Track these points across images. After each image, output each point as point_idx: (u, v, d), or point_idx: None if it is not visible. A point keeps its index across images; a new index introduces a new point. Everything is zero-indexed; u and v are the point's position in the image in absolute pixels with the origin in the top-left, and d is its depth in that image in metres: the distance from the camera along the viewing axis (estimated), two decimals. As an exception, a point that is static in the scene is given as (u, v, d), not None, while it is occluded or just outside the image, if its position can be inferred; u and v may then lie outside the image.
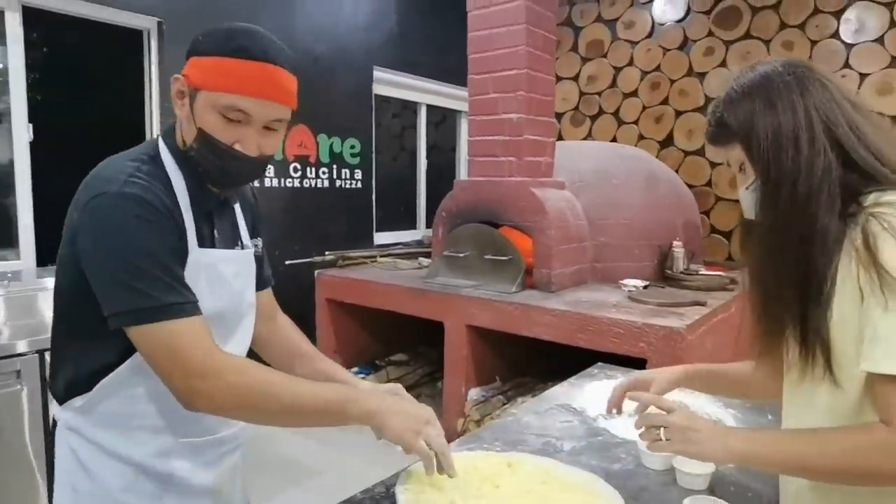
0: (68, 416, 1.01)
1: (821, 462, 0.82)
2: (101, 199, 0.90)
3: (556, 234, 3.16)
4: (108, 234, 0.90)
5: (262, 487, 2.94)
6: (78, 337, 0.99)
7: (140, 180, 0.93)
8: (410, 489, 1.02)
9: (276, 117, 0.98)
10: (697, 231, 3.99)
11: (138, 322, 0.89)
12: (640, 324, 2.57)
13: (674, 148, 4.57)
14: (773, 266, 0.89)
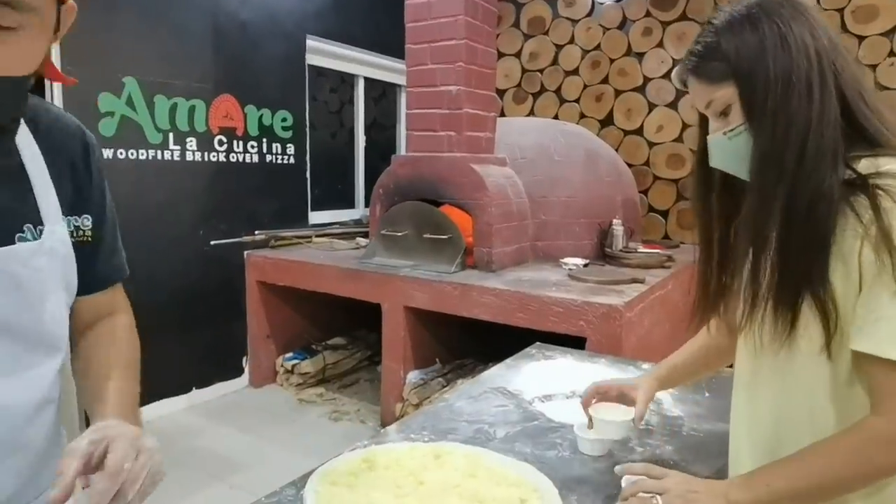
0: None
1: (830, 481, 0.75)
2: None
3: (497, 212, 3.07)
4: None
5: (183, 482, 2.75)
6: None
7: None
8: (321, 492, 0.90)
9: None
10: (636, 209, 4.00)
11: None
12: (580, 302, 2.52)
13: (613, 127, 4.55)
14: (769, 227, 0.77)
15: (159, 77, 3.25)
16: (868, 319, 0.71)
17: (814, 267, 0.74)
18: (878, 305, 0.70)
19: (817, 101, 0.75)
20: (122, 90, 3.10)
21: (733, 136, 0.82)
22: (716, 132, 0.84)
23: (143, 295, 3.29)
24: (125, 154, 3.15)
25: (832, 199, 0.73)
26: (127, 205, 3.18)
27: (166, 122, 3.31)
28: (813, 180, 0.74)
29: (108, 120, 3.06)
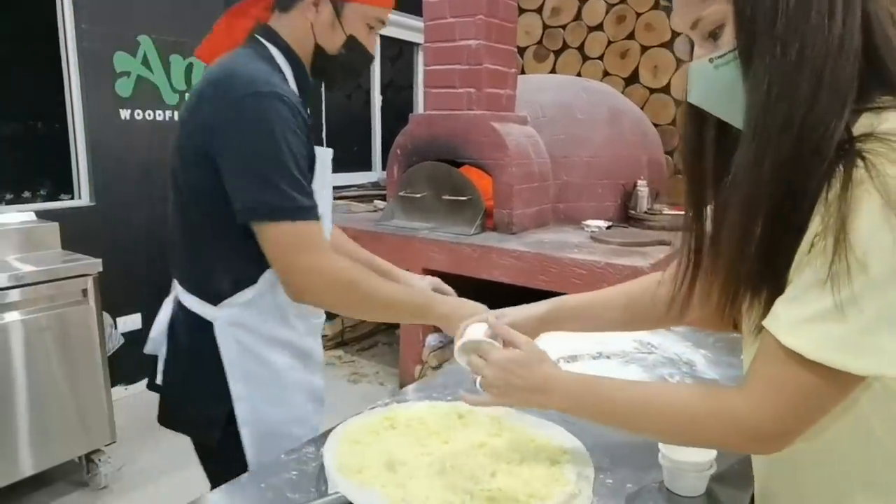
0: (231, 313, 1.05)
1: (656, 428, 0.73)
2: (253, 98, 0.93)
3: (518, 173, 2.99)
4: (259, 133, 0.93)
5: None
6: (231, 232, 0.99)
7: (280, 83, 0.98)
8: (342, 449, 0.87)
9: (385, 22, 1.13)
10: (661, 169, 3.89)
11: (273, 218, 0.94)
12: (603, 264, 2.46)
13: (639, 85, 4.40)
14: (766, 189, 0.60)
15: (174, 36, 3.18)
16: (784, 297, 0.60)
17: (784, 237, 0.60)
18: (800, 285, 0.58)
19: (839, 23, 0.58)
20: (137, 49, 3.04)
21: (721, 65, 0.63)
22: (700, 57, 0.66)
23: (161, 257, 3.29)
24: (142, 115, 3.11)
25: (826, 157, 0.57)
26: (144, 166, 3.16)
27: (182, 83, 3.26)
28: (819, 130, 0.57)
29: (125, 80, 3.01)
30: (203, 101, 0.99)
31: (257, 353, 1.07)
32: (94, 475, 2.38)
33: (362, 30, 1.10)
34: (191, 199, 1.04)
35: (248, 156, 0.94)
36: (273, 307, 1.07)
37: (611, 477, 0.86)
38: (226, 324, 1.05)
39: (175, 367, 1.13)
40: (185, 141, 1.01)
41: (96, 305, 2.30)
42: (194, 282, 1.08)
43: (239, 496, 0.83)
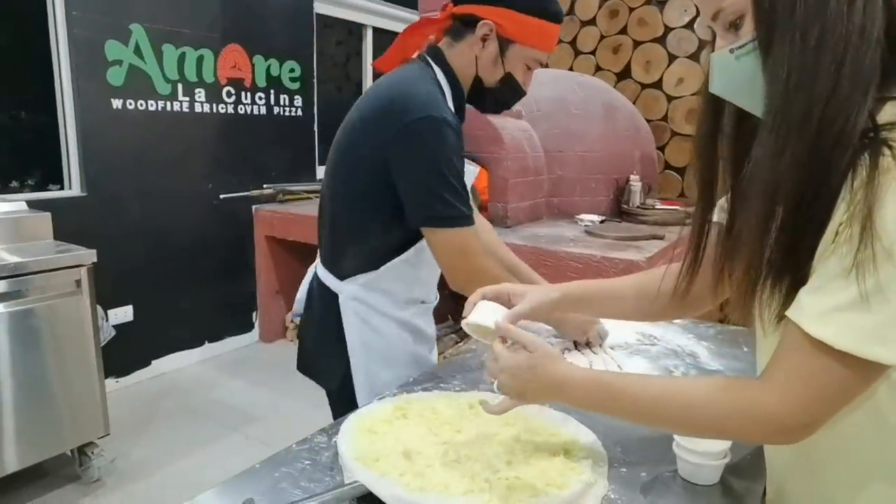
0: (353, 289, 1.26)
1: (677, 422, 0.73)
2: (426, 122, 1.09)
3: (513, 167, 3.00)
4: (431, 153, 1.10)
5: (200, 431, 2.77)
6: (371, 226, 1.22)
7: (446, 108, 1.13)
8: (358, 438, 0.87)
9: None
10: (654, 165, 3.91)
11: (442, 226, 1.14)
12: (599, 258, 2.47)
13: (631, 80, 4.41)
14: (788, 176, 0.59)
15: (166, 25, 3.14)
16: (808, 286, 0.60)
17: (806, 229, 0.60)
18: (825, 274, 0.58)
19: (859, 10, 0.57)
20: (129, 38, 3.00)
21: (742, 55, 0.64)
22: (721, 48, 0.67)
23: (153, 248, 3.27)
24: (134, 105, 3.07)
25: (849, 147, 0.57)
26: (137, 157, 3.12)
27: (175, 73, 3.22)
28: (840, 120, 0.57)
29: (117, 69, 2.97)
30: (382, 116, 1.14)
31: (371, 323, 1.26)
32: (87, 468, 2.36)
33: (520, 69, 1.21)
34: (346, 195, 1.21)
35: (423, 172, 1.11)
36: (387, 290, 1.26)
37: (624, 466, 0.87)
38: (348, 297, 1.26)
39: (308, 326, 1.37)
40: (358, 146, 1.18)
41: (90, 297, 2.27)
42: (329, 259, 1.30)
43: (253, 485, 0.82)
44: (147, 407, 2.99)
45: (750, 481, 0.84)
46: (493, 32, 1.17)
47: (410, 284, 1.29)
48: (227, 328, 3.75)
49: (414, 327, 1.31)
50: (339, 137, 1.24)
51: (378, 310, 1.26)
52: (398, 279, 1.26)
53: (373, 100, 1.18)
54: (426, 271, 1.29)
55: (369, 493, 0.75)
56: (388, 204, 1.16)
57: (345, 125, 1.24)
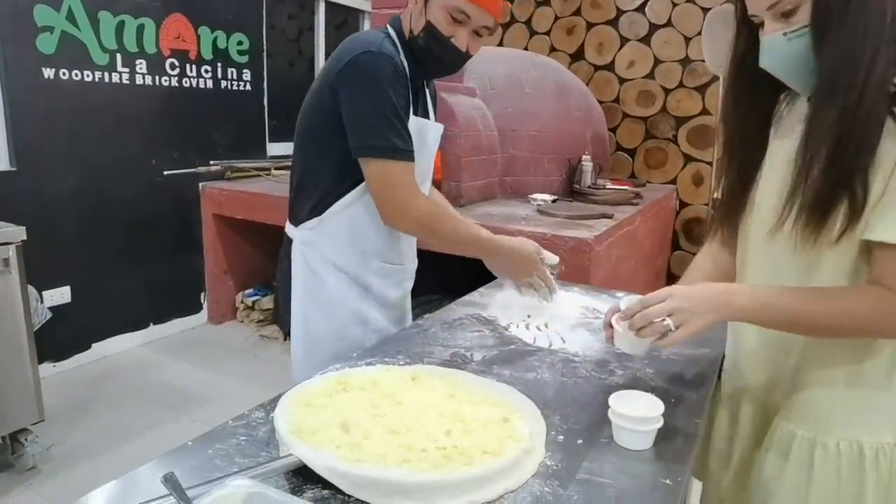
0: (304, 234, 1.31)
1: (835, 325, 0.84)
2: (364, 55, 1.16)
3: (467, 145, 2.98)
4: (367, 85, 1.16)
5: (144, 416, 2.69)
6: (322, 169, 1.27)
7: (389, 48, 1.19)
8: (295, 412, 0.85)
9: (484, 24, 1.24)
10: (605, 146, 3.96)
11: (374, 156, 1.18)
12: (550, 235, 2.49)
13: (584, 62, 4.45)
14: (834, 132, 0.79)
15: (102, -10, 2.98)
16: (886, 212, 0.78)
17: (859, 168, 0.78)
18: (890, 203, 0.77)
19: (892, 3, 0.76)
20: (61, 3, 2.83)
21: (794, 38, 0.81)
22: (773, 33, 0.83)
23: (92, 227, 3.13)
24: (68, 75, 2.91)
25: (885, 101, 0.77)
26: (72, 130, 2.97)
27: (113, 42, 3.06)
28: (882, 86, 0.76)
29: (47, 35, 2.80)
30: (334, 60, 1.21)
31: (315, 270, 1.30)
32: (20, 455, 2.26)
33: (442, 18, 1.21)
34: (304, 140, 1.29)
35: (359, 105, 1.17)
36: (334, 236, 1.29)
37: (562, 434, 0.88)
38: (299, 243, 1.32)
39: (279, 273, 1.42)
40: (316, 91, 1.25)
41: (20, 276, 2.16)
42: (290, 207, 1.36)
43: (187, 462, 0.79)
44: (86, 392, 2.88)
45: (683, 444, 0.86)
46: None
47: (355, 232, 1.29)
48: (174, 309, 3.64)
49: (365, 284, 1.32)
50: (313, 89, 1.29)
51: (324, 256, 1.29)
52: (343, 225, 1.28)
53: (335, 54, 1.24)
54: (374, 219, 1.28)
55: (304, 466, 0.74)
56: (339, 145, 1.20)
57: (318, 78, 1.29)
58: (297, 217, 1.33)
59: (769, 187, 0.93)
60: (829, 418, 0.91)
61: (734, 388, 1.08)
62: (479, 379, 1.00)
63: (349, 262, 1.31)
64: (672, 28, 4.11)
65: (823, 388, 0.92)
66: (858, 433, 0.89)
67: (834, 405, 0.91)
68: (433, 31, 1.23)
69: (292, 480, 0.75)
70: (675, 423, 0.90)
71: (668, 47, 4.13)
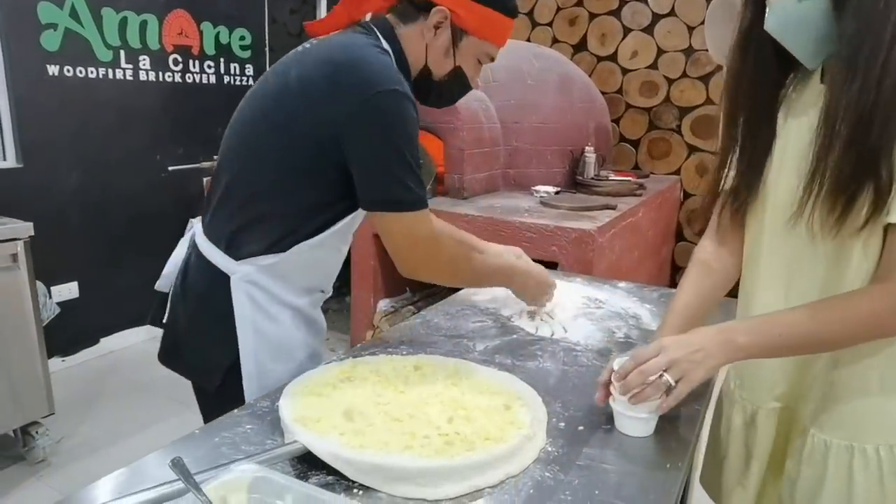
0: (250, 271, 1.10)
1: (840, 336, 0.80)
2: (389, 96, 0.97)
3: (469, 137, 2.98)
4: (394, 132, 0.99)
5: (150, 409, 2.72)
6: (296, 207, 1.08)
7: (406, 84, 1.02)
8: (299, 401, 0.86)
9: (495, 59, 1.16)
10: (608, 137, 3.95)
11: (398, 210, 1.04)
12: (553, 227, 2.49)
13: (587, 52, 4.43)
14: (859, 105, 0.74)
15: (104, -13, 2.99)
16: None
17: (884, 148, 0.73)
18: None
19: None
20: (64, 0, 2.84)
21: (805, 0, 0.77)
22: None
23: (99, 223, 3.16)
24: (72, 71, 2.93)
25: None
26: (77, 126, 2.99)
27: (116, 38, 3.08)
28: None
29: (51, 33, 2.82)
30: (324, 83, 0.99)
31: (267, 310, 1.11)
32: (31, 448, 2.29)
33: (471, 63, 1.13)
34: (273, 169, 1.05)
35: (384, 152, 1.00)
36: (288, 275, 1.12)
37: (563, 421, 0.89)
38: (242, 280, 1.10)
39: (184, 310, 1.17)
40: (297, 116, 1.01)
41: (28, 271, 2.18)
42: (223, 235, 1.11)
43: (193, 450, 0.81)
44: (94, 385, 2.91)
45: (684, 430, 0.87)
46: (447, 20, 1.07)
47: (313, 270, 1.16)
48: (180, 304, 3.66)
49: (309, 317, 1.18)
50: (265, 102, 1.08)
51: (275, 296, 1.11)
52: (304, 264, 1.12)
53: (317, 64, 1.02)
54: (333, 258, 1.19)
55: (309, 453, 0.75)
56: (323, 184, 1.05)
57: (273, 88, 1.07)
58: (240, 250, 1.10)
59: (784, 174, 0.87)
60: (865, 424, 0.86)
61: (751, 404, 1.00)
62: (481, 367, 1.01)
63: (299, 297, 1.15)
64: (675, 17, 4.09)
65: (856, 394, 0.86)
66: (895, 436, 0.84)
67: (868, 410, 0.86)
68: (462, 78, 1.14)
69: (297, 467, 0.77)
70: (675, 410, 0.91)
71: (671, 37, 4.11)
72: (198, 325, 1.15)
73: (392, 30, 1.10)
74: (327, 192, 1.06)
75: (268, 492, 0.59)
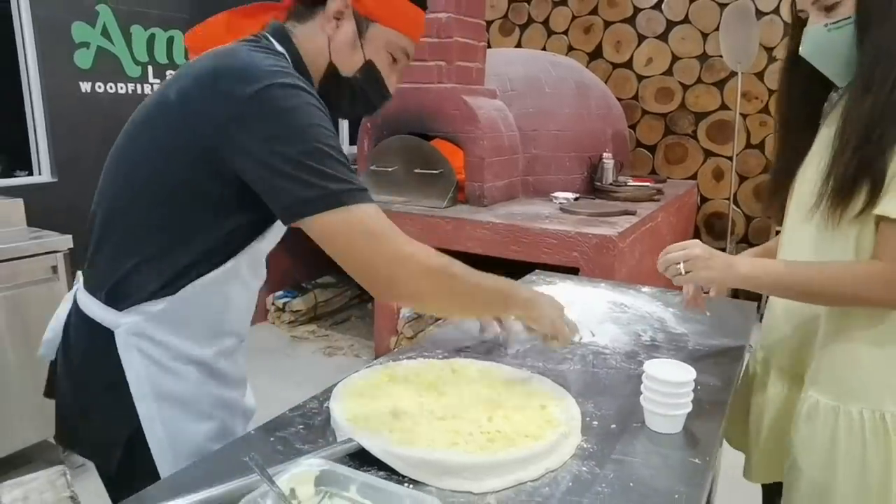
0: (136, 321, 0.90)
1: (826, 292, 0.96)
2: (272, 89, 0.82)
3: (489, 146, 3.04)
4: (289, 123, 0.82)
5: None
6: (175, 235, 0.90)
7: (301, 79, 0.88)
8: (348, 402, 0.92)
9: (412, 58, 1.04)
10: (625, 143, 3.99)
11: (331, 206, 0.82)
12: (573, 233, 2.54)
13: (602, 60, 4.48)
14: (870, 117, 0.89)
15: (134, 5, 3.10)
16: (890, 189, 0.88)
17: (880, 153, 0.88)
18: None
19: None
20: (96, 19, 2.95)
21: (834, 29, 0.92)
22: (815, 24, 0.94)
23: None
24: (104, 87, 3.03)
25: None
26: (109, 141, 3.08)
27: (144, 55, 3.18)
28: None
29: (84, 51, 2.93)
30: (202, 91, 0.84)
31: (167, 366, 0.93)
32: (70, 455, 2.36)
33: (384, 57, 0.99)
34: (141, 195, 0.90)
35: (283, 149, 0.81)
36: (185, 321, 0.93)
37: (596, 419, 0.94)
38: (129, 333, 0.90)
39: (68, 379, 0.98)
40: (170, 131, 0.87)
41: (67, 283, 2.27)
42: (101, 284, 0.93)
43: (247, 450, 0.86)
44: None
45: (709, 424, 0.92)
46: (348, 9, 0.96)
47: (215, 314, 0.97)
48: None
49: (216, 371, 0.99)
50: (141, 126, 0.93)
51: (171, 348, 0.93)
52: (201, 307, 0.93)
53: (197, 75, 0.87)
54: (240, 296, 1.00)
55: (361, 451, 0.80)
56: (211, 209, 0.89)
57: (151, 110, 0.92)
58: (120, 298, 0.91)
59: (809, 171, 1.02)
60: (852, 387, 0.97)
61: (764, 362, 1.19)
62: (515, 370, 1.06)
63: (203, 347, 0.97)
64: (689, 24, 4.13)
65: (846, 357, 0.99)
66: (880, 402, 0.94)
67: (855, 374, 0.97)
68: (373, 73, 0.99)
69: (350, 464, 0.82)
70: (702, 408, 0.96)
71: (686, 43, 4.15)
72: (85, 396, 0.94)
73: (285, 33, 0.97)
74: (218, 218, 0.90)
75: (334, 483, 0.64)
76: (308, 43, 0.97)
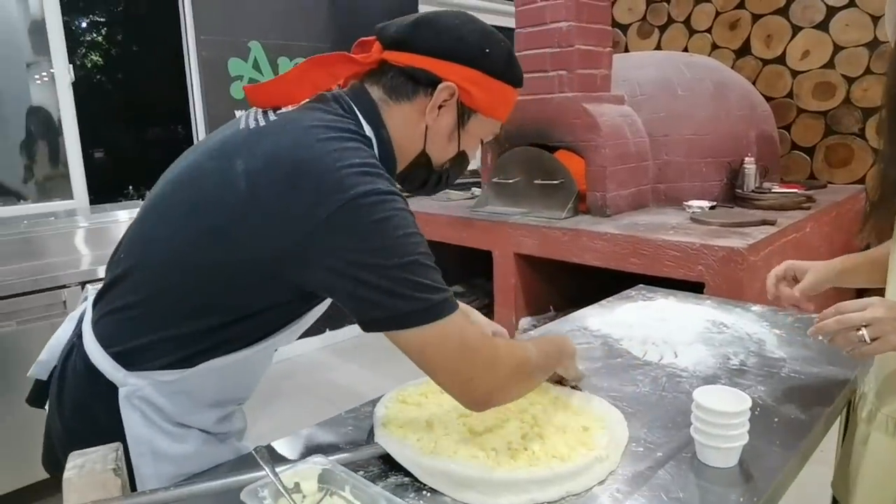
0: (143, 385, 0.86)
1: None
2: (361, 200, 0.75)
3: (612, 154, 2.93)
4: (383, 235, 0.76)
5: (311, 409, 3.02)
6: (210, 323, 0.84)
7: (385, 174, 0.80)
8: (390, 407, 0.96)
9: None
10: (773, 145, 3.62)
11: (430, 320, 0.77)
12: (698, 245, 2.36)
13: (750, 57, 4.11)
14: None
15: (280, 39, 3.44)
16: None
17: None
18: None
19: None
20: (248, 54, 3.33)
21: None
22: None
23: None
24: (254, 114, 3.40)
25: None
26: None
27: (289, 83, 3.52)
28: None
29: (238, 83, 3.31)
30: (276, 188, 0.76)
31: (168, 430, 0.89)
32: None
33: (474, 145, 0.96)
34: (189, 273, 0.82)
35: (378, 263, 0.75)
36: (192, 392, 0.89)
37: (642, 446, 0.88)
38: (133, 394, 0.86)
39: (60, 418, 0.93)
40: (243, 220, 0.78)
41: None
42: (116, 338, 0.87)
43: (296, 447, 0.93)
44: (270, 388, 3.32)
45: (770, 464, 0.81)
46: (453, 98, 0.88)
47: (226, 388, 0.94)
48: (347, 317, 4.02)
49: (218, 433, 0.96)
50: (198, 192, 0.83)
51: (171, 416, 0.89)
52: (216, 380, 0.90)
53: (266, 160, 0.78)
54: (256, 370, 0.98)
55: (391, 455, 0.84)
56: (257, 300, 0.84)
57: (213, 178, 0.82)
58: (133, 358, 0.86)
59: None
60: None
61: (874, 402, 0.99)
62: (574, 390, 1.03)
63: (206, 414, 0.94)
64: (855, 8, 3.64)
65: None
66: None
67: None
68: (463, 164, 0.98)
69: (381, 466, 0.85)
70: (771, 443, 0.85)
71: (851, 30, 3.66)
72: (77, 442, 0.82)
73: (376, 110, 0.88)
74: (265, 313, 0.86)
75: (333, 482, 0.68)
76: (403, 128, 0.89)
